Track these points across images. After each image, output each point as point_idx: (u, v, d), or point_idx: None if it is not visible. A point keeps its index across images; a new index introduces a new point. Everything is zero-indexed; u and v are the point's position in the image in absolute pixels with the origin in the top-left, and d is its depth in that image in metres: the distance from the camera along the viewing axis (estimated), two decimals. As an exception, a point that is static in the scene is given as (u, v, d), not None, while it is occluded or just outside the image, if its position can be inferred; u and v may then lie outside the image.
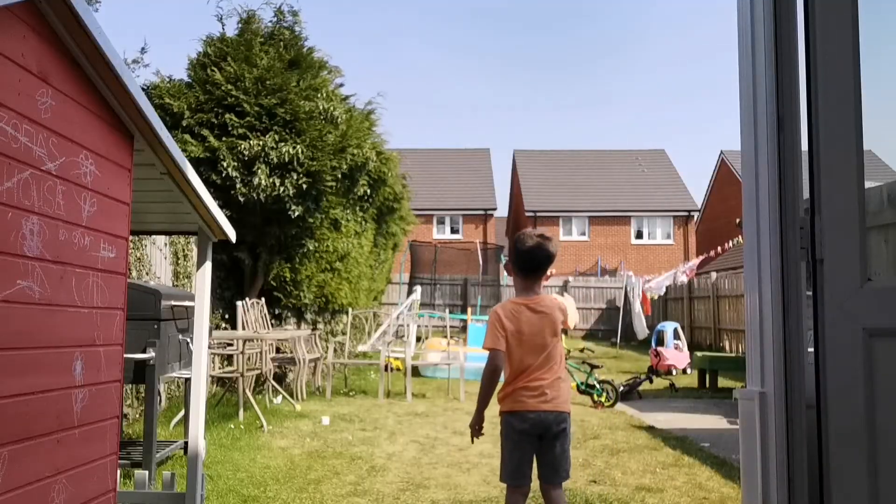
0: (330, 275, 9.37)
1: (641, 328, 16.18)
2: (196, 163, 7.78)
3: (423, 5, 76.44)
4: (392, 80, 75.94)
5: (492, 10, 78.22)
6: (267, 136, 8.22)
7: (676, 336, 12.15)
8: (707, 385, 9.97)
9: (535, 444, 2.97)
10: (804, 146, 2.30)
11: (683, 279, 14.16)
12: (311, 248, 8.89)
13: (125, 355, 2.70)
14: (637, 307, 16.21)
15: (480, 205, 32.40)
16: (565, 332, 3.16)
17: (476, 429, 3.05)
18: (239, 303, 7.74)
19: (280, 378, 8.39)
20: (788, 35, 2.35)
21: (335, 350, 9.74)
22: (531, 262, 3.01)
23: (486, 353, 3.02)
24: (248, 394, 6.61)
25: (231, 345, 7.13)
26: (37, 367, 2.09)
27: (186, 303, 4.83)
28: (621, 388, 8.44)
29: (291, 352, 8.06)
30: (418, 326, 11.80)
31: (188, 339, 4.83)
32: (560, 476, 3.01)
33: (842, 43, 2.20)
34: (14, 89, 1.95)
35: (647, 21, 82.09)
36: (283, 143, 8.19)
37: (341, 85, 9.72)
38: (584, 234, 30.80)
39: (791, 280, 2.29)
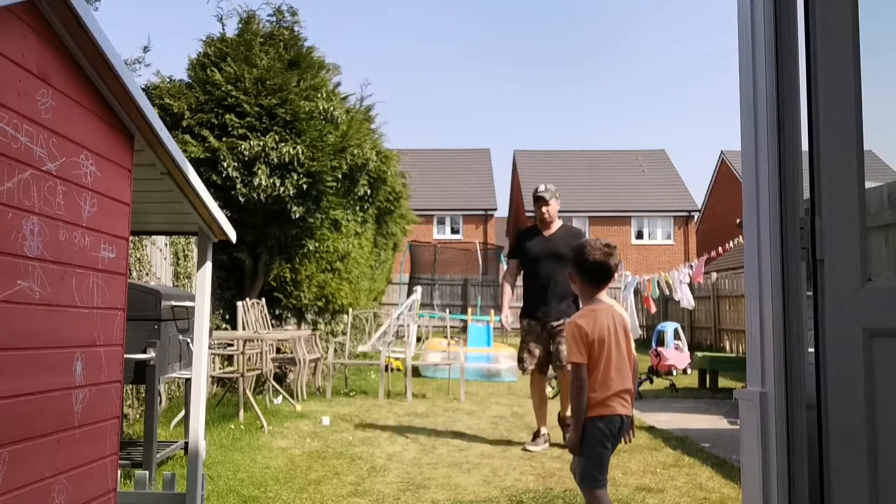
0: (330, 275, 9.37)
1: (634, 327, 16.16)
2: (196, 163, 7.78)
3: (422, 5, 76.42)
4: (392, 80, 75.93)
5: (491, 8, 78.20)
6: (267, 136, 8.22)
7: (677, 336, 12.13)
8: (707, 385, 9.96)
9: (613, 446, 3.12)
10: (804, 146, 2.30)
11: (686, 287, 14.00)
12: (311, 248, 8.89)
13: (125, 355, 2.70)
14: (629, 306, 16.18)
15: (480, 205, 32.41)
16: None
17: (578, 447, 3.09)
18: (239, 303, 7.74)
19: (280, 378, 8.39)
20: (788, 35, 2.35)
21: (335, 350, 9.74)
22: (606, 274, 3.14)
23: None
24: (249, 394, 6.61)
25: (231, 345, 7.13)
26: (37, 368, 2.09)
27: (187, 303, 4.83)
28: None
29: (292, 352, 8.06)
30: (418, 327, 11.80)
31: (188, 340, 4.83)
32: None
33: (842, 43, 2.20)
34: (14, 89, 1.95)
35: (647, 21, 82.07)
36: (283, 144, 8.19)
37: (339, 84, 9.73)
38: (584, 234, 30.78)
39: (791, 280, 2.29)
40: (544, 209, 5.79)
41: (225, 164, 8.01)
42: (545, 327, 5.60)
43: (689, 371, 11.68)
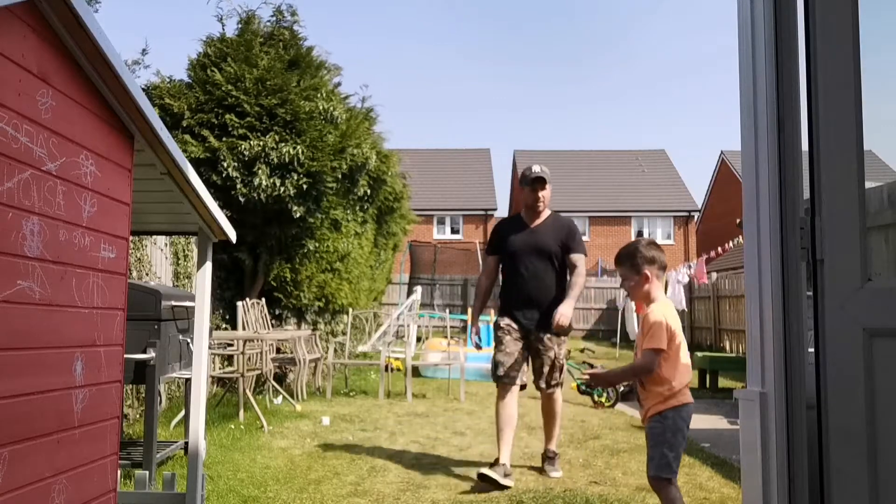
0: (330, 275, 9.37)
1: (632, 328, 16.18)
2: (196, 163, 7.78)
3: (422, 4, 76.44)
4: (392, 80, 75.94)
5: (491, 8, 78.24)
6: (267, 136, 8.22)
7: (676, 336, 12.12)
8: (707, 385, 9.96)
9: None
10: (804, 146, 2.30)
11: (681, 287, 13.94)
12: (311, 248, 8.89)
13: (125, 355, 2.70)
14: (631, 306, 16.21)
15: (480, 205, 32.42)
16: None
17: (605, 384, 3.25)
18: (239, 303, 7.74)
19: (280, 378, 8.39)
20: (788, 35, 2.35)
21: (335, 350, 9.74)
22: (665, 268, 3.39)
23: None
24: (249, 394, 6.61)
25: (231, 345, 7.13)
26: (37, 368, 2.09)
27: (187, 303, 4.83)
28: (621, 388, 8.43)
29: (292, 352, 8.06)
30: (418, 327, 11.79)
31: (188, 340, 4.83)
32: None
33: (842, 43, 2.20)
34: (14, 89, 1.95)
35: (646, 21, 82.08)
36: (283, 144, 8.19)
37: (339, 84, 9.73)
38: (584, 234, 30.80)
39: (791, 280, 2.29)
40: (541, 193, 4.74)
41: (225, 164, 8.01)
42: (528, 335, 4.76)
43: (689, 371, 11.64)
